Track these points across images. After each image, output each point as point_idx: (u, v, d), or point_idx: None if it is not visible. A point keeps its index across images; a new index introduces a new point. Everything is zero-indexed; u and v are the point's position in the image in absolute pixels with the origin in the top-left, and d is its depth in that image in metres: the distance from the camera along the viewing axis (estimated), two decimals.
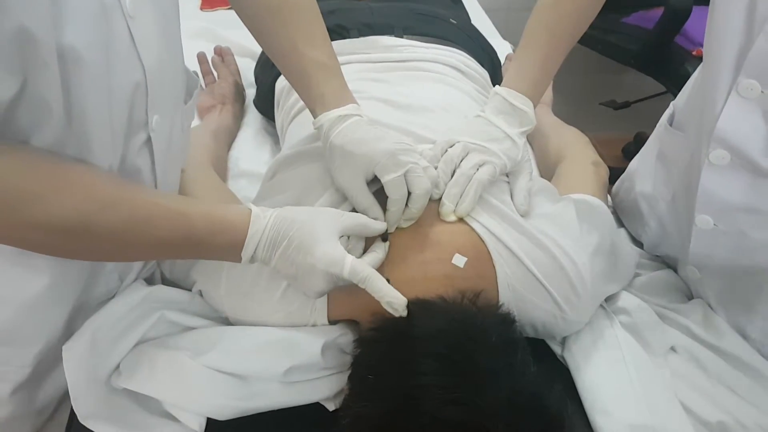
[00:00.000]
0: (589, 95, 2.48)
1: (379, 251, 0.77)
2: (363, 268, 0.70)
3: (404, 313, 0.71)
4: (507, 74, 0.92)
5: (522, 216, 0.84)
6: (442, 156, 0.86)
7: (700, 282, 0.94)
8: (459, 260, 0.78)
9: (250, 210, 0.72)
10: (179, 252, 0.74)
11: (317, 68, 0.84)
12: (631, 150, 2.44)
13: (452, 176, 0.84)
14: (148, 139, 0.74)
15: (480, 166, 0.84)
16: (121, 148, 0.70)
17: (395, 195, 0.79)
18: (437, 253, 0.80)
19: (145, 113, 0.71)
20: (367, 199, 0.80)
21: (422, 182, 0.79)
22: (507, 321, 0.74)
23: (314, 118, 0.85)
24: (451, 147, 0.87)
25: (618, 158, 2.46)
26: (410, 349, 0.67)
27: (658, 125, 1.04)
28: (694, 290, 0.98)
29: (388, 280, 0.72)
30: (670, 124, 0.98)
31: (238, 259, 0.72)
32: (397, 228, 0.81)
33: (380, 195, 0.81)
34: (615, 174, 1.16)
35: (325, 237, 0.71)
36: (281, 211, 0.73)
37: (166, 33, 0.72)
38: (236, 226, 0.71)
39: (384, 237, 0.77)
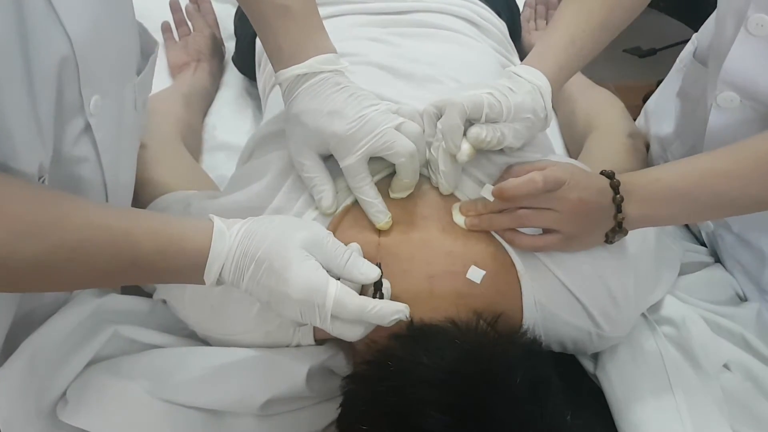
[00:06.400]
0: None
1: None
2: (351, 299, 0.56)
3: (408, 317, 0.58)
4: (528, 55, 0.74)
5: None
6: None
7: (714, 236, 0.89)
8: (475, 274, 0.64)
9: (213, 223, 0.59)
10: (126, 279, 0.64)
11: (276, 14, 0.69)
12: None
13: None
14: (88, 126, 0.63)
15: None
16: (52, 141, 0.60)
17: (353, 182, 0.67)
18: (447, 265, 0.66)
19: (78, 94, 0.60)
20: (315, 173, 0.68)
21: (400, 146, 0.65)
22: (533, 352, 0.61)
23: None
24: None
25: (639, 108, 2.30)
26: (412, 395, 0.55)
27: (678, 60, 0.98)
28: (710, 249, 0.91)
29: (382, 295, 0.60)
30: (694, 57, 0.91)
31: (201, 283, 0.59)
32: (394, 233, 0.68)
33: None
34: None
35: (300, 258, 0.56)
36: (251, 223, 0.59)
37: None
38: (195, 244, 0.58)
39: (377, 285, 0.61)
